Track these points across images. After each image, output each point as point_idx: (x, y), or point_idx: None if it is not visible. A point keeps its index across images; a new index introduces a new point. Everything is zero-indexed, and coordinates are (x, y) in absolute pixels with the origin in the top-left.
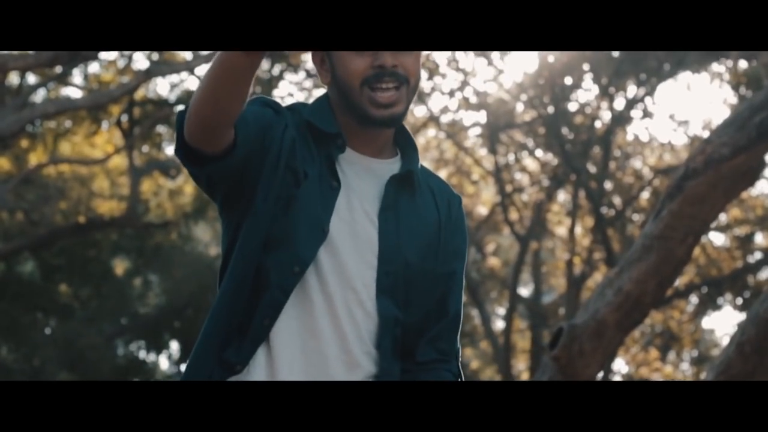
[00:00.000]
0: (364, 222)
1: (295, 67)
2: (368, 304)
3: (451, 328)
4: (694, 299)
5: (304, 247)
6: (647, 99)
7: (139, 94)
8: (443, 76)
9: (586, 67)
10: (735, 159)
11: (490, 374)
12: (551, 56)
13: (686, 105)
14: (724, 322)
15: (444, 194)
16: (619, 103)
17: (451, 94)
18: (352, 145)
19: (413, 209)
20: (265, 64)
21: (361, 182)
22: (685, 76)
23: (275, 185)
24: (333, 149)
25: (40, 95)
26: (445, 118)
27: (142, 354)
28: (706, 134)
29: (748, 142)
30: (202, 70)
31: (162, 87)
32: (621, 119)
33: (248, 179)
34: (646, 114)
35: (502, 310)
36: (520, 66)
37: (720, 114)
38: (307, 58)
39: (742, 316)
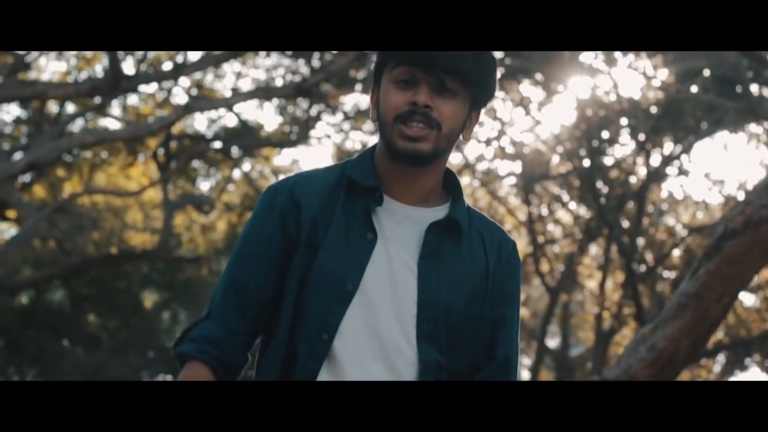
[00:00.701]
0: (402, 271)
1: (333, 109)
2: (408, 352)
3: (500, 372)
4: (721, 359)
5: (328, 311)
6: (683, 156)
7: (177, 128)
8: (480, 124)
9: (623, 121)
10: None
11: None
12: (589, 109)
13: (722, 164)
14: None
15: (495, 239)
16: (656, 160)
17: (488, 142)
18: (394, 195)
19: (457, 255)
20: (303, 105)
21: (401, 231)
22: (722, 136)
23: (298, 263)
24: (370, 202)
25: (78, 125)
26: (480, 167)
27: None
28: (741, 194)
29: None
30: (240, 106)
31: (200, 122)
32: (656, 175)
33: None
34: (682, 171)
35: (528, 361)
36: (557, 118)
37: (756, 175)
38: (344, 100)
39: None
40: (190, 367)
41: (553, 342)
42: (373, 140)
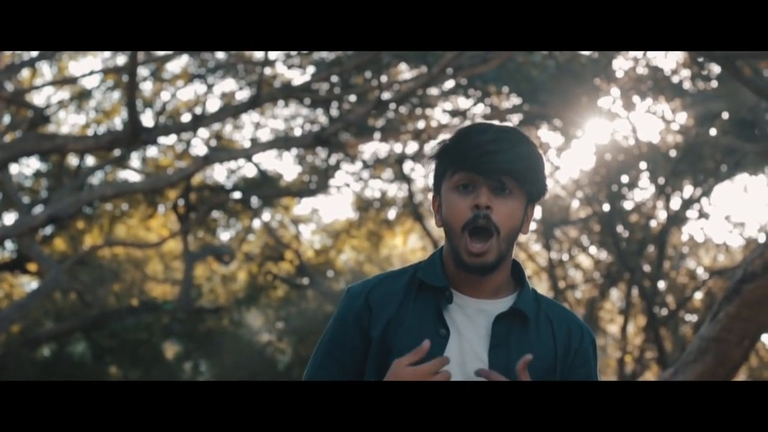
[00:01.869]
0: (474, 362)
1: (352, 158)
2: None
3: None
4: None
5: None
6: (703, 199)
7: (196, 179)
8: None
9: (642, 165)
10: None
11: None
12: (608, 154)
13: (742, 207)
14: None
15: (563, 323)
16: (675, 203)
17: None
18: (465, 291)
19: (526, 341)
20: (322, 154)
21: (472, 324)
22: (742, 178)
23: (372, 364)
24: (441, 300)
25: (97, 177)
26: None
27: None
28: (762, 237)
29: None
30: (259, 157)
31: (219, 173)
32: (677, 219)
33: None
34: (702, 215)
35: None
36: (576, 162)
37: None
38: (363, 149)
39: None
40: None
41: None
42: (392, 189)
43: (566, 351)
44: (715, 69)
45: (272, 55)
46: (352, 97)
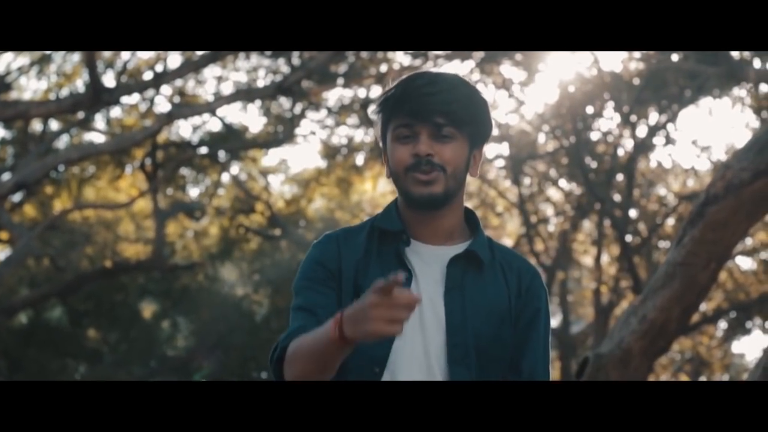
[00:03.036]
0: (431, 305)
1: (316, 106)
2: (442, 377)
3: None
4: (722, 324)
5: (378, 346)
6: (669, 126)
7: (162, 137)
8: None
9: (607, 95)
10: (755, 183)
11: None
12: (572, 86)
13: (709, 130)
14: (754, 346)
15: (514, 268)
16: (642, 131)
17: None
18: (420, 237)
19: (480, 285)
20: (286, 104)
21: (428, 269)
22: (707, 102)
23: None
24: (400, 244)
25: (63, 141)
26: None
27: None
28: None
29: (767, 166)
30: (224, 110)
31: (184, 129)
32: (644, 147)
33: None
34: (669, 141)
35: None
36: (540, 97)
37: (743, 138)
38: (327, 96)
39: None
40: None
41: (554, 320)
42: (359, 134)
43: (518, 292)
44: None
45: None
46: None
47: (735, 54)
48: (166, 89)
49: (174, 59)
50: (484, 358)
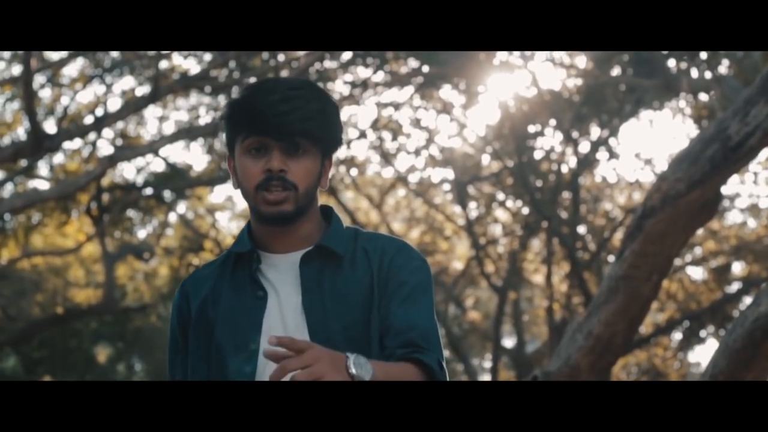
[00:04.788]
0: (292, 313)
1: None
2: None
3: (399, 335)
4: (677, 335)
5: (239, 374)
6: (611, 140)
7: (106, 180)
8: (408, 135)
9: (547, 113)
10: (691, 194)
11: None
12: (512, 106)
13: (651, 142)
14: (709, 355)
15: (377, 249)
16: (584, 147)
17: (417, 152)
18: (275, 249)
19: (340, 280)
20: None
21: (285, 278)
22: (647, 114)
23: (195, 344)
24: (253, 264)
25: (7, 190)
26: (413, 177)
27: None
28: None
29: (702, 176)
30: (166, 150)
31: (128, 171)
32: (587, 162)
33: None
34: (612, 155)
35: (487, 363)
36: (482, 119)
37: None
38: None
39: None
40: None
41: (509, 341)
42: None
43: (380, 267)
44: None
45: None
46: (252, 80)
47: (671, 65)
48: (107, 132)
49: (114, 102)
50: (358, 346)
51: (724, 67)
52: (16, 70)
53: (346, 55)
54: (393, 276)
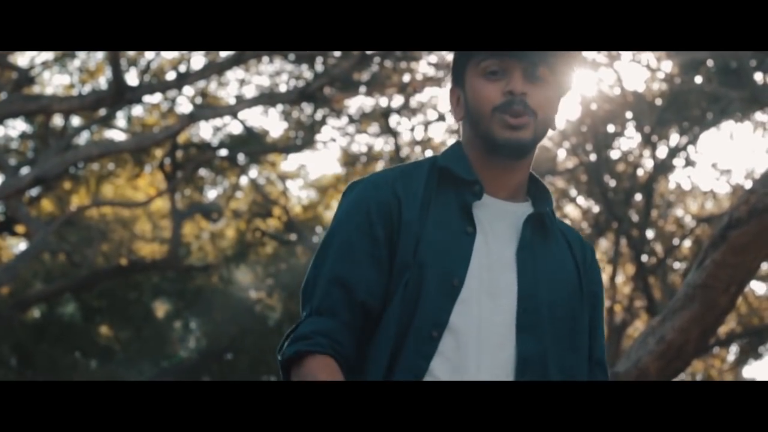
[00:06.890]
0: (501, 264)
1: (337, 113)
2: (508, 346)
3: (601, 374)
4: (734, 348)
5: (437, 308)
6: (690, 147)
7: (182, 137)
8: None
9: (628, 115)
10: None
11: None
12: (594, 104)
13: (729, 154)
14: (765, 371)
15: (577, 241)
16: (662, 152)
17: None
18: (488, 189)
19: (548, 251)
20: (307, 109)
21: (498, 225)
22: (728, 125)
23: (402, 257)
24: (468, 196)
25: (83, 138)
26: None
27: None
28: (748, 183)
29: None
30: (245, 113)
31: (205, 131)
32: (663, 167)
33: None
34: (689, 162)
35: None
36: (562, 113)
37: (763, 163)
38: (349, 103)
39: None
40: (310, 364)
41: None
42: (379, 143)
43: (584, 263)
44: None
45: None
46: (337, 52)
47: (759, 78)
48: (188, 90)
49: (197, 60)
50: (559, 331)
51: None
52: None
53: None
54: (592, 282)
